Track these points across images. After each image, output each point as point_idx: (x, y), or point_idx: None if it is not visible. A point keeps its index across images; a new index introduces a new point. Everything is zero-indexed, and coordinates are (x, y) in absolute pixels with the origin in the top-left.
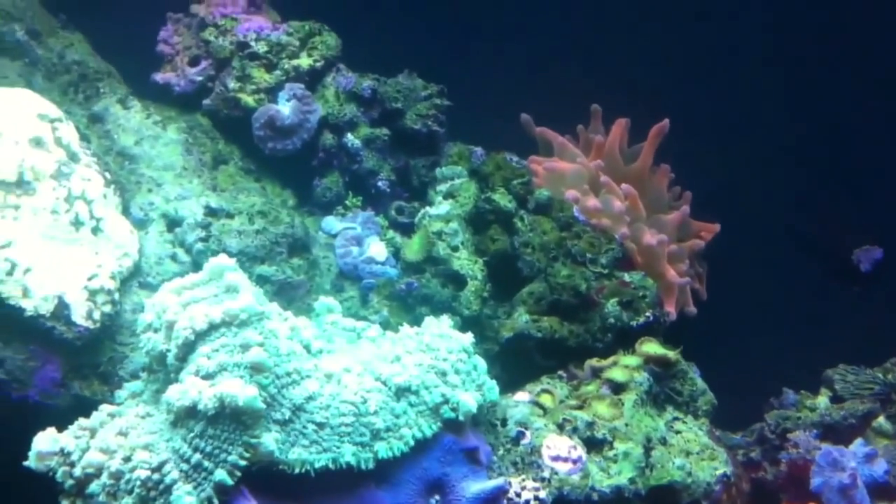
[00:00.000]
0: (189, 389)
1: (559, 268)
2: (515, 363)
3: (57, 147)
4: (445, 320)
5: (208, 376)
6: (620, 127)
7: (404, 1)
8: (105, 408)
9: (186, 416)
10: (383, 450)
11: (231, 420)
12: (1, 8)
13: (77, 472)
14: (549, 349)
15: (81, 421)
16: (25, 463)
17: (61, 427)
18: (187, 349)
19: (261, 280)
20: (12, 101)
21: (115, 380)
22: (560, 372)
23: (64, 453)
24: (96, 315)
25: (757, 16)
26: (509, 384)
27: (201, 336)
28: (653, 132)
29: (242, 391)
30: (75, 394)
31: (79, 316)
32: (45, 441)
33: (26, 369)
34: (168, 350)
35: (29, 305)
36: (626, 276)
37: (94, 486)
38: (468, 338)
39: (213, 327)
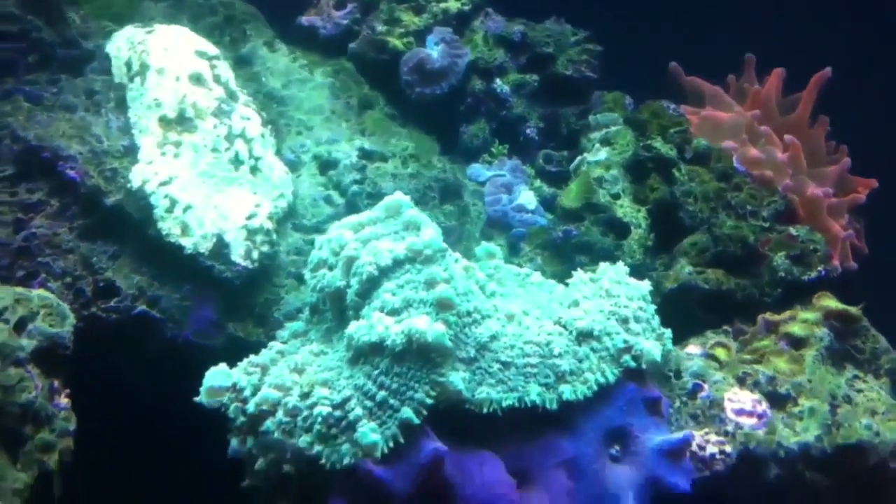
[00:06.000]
0: (375, 325)
1: (724, 218)
2: (676, 317)
3: (216, 84)
4: (622, 267)
5: (393, 312)
6: (777, 77)
7: None
8: (274, 345)
9: (371, 352)
10: (568, 391)
11: (418, 357)
12: None
13: (250, 408)
14: (712, 303)
15: (252, 358)
16: (196, 399)
17: None
18: (370, 285)
19: None
20: (171, 37)
21: (271, 321)
22: (725, 327)
23: (236, 389)
24: (255, 255)
25: None
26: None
27: (385, 272)
28: (813, 81)
29: (430, 327)
30: (230, 334)
31: (237, 255)
32: (218, 376)
33: (182, 309)
34: (347, 286)
35: (188, 243)
36: (793, 230)
37: (268, 424)
38: (646, 285)
39: (397, 263)
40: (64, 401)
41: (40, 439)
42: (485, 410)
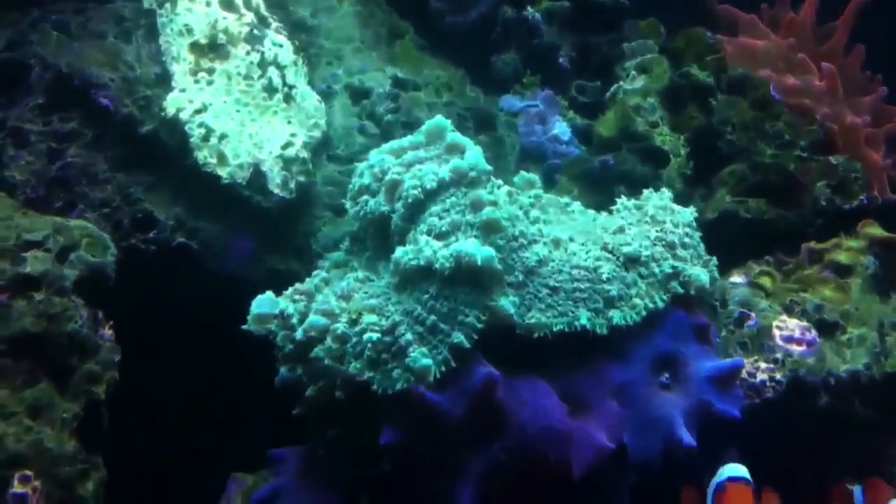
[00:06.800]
0: (423, 248)
1: (764, 147)
2: (715, 248)
3: (247, 10)
4: (667, 193)
5: (441, 236)
6: (811, 5)
7: None
8: (319, 273)
9: (419, 277)
10: (618, 316)
11: (467, 281)
12: None
13: (298, 335)
14: (753, 233)
15: (297, 285)
16: (244, 327)
17: None
18: (416, 209)
19: None
20: None
21: (309, 254)
22: (767, 257)
23: (283, 316)
24: (292, 185)
25: None
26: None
27: (430, 196)
28: (850, 8)
29: (480, 250)
30: (270, 267)
31: (275, 185)
32: (265, 303)
33: (221, 240)
34: (392, 212)
35: (225, 173)
36: (832, 159)
37: (317, 351)
38: (691, 212)
39: (442, 186)
40: (108, 332)
41: (87, 369)
42: (535, 335)
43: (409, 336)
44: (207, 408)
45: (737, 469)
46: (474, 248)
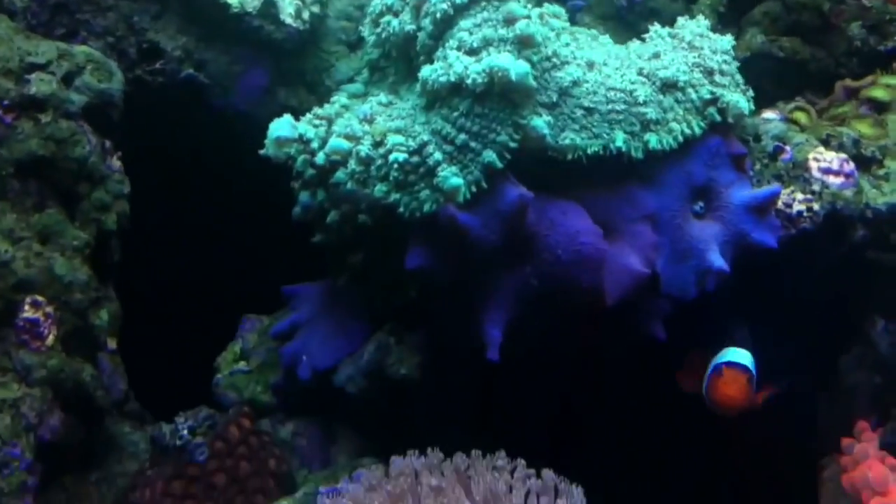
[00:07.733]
0: (454, 64)
1: None
2: None
3: None
4: (703, 20)
5: (472, 52)
6: None
7: None
8: (338, 100)
9: (448, 94)
10: (654, 140)
11: (500, 98)
12: None
13: (319, 159)
14: (784, 74)
15: (316, 110)
16: (261, 151)
17: None
18: (445, 25)
19: None
20: None
21: (322, 89)
22: (797, 98)
23: (303, 140)
24: (305, 15)
25: None
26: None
27: (460, 10)
28: None
29: (514, 64)
30: (282, 103)
31: (287, 15)
32: (284, 126)
33: (230, 73)
34: (417, 30)
35: (234, 1)
36: (866, 1)
37: (339, 174)
38: (729, 39)
39: (472, 1)
40: (116, 163)
41: (96, 198)
42: (569, 157)
43: (437, 155)
44: (216, 249)
45: (738, 354)
46: (508, 63)
